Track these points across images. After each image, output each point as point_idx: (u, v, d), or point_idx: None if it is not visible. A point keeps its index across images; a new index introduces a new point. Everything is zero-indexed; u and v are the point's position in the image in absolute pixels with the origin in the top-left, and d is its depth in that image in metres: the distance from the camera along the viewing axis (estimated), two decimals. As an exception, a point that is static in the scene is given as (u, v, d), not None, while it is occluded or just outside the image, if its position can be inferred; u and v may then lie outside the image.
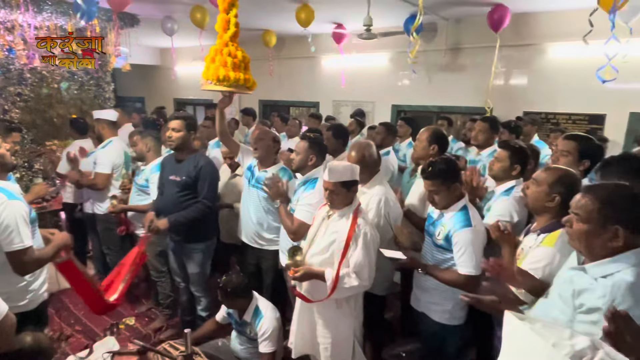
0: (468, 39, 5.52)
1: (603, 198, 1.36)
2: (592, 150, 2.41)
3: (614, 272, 1.33)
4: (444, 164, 2.12)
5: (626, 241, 1.34)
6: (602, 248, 1.37)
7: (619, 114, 4.64)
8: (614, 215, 1.34)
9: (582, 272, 1.42)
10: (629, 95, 4.51)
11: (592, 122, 4.82)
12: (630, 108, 4.57)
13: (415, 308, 2.33)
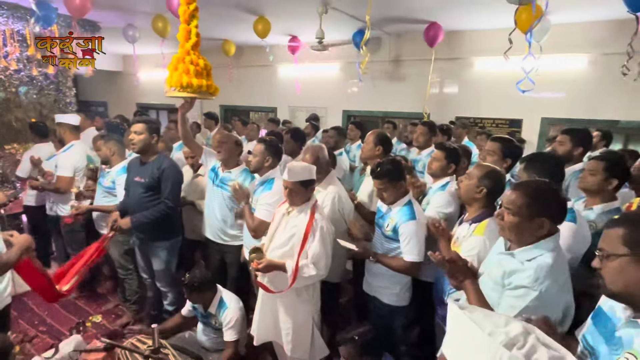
0: (408, 52, 5.68)
1: (530, 194, 1.43)
2: (513, 150, 2.56)
3: (537, 256, 1.42)
4: (391, 164, 2.16)
5: (548, 230, 1.44)
6: (529, 236, 1.45)
7: (533, 119, 4.98)
8: (540, 208, 1.42)
9: (510, 257, 1.49)
10: (540, 103, 4.83)
11: (512, 126, 5.12)
12: (542, 114, 4.91)
13: (367, 292, 2.36)
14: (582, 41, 4.48)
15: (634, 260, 0.99)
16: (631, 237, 1.01)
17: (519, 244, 1.48)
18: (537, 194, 1.43)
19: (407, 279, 2.21)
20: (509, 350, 0.58)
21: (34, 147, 3.87)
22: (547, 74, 4.61)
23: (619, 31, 3.69)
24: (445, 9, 4.24)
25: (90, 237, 3.45)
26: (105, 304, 3.54)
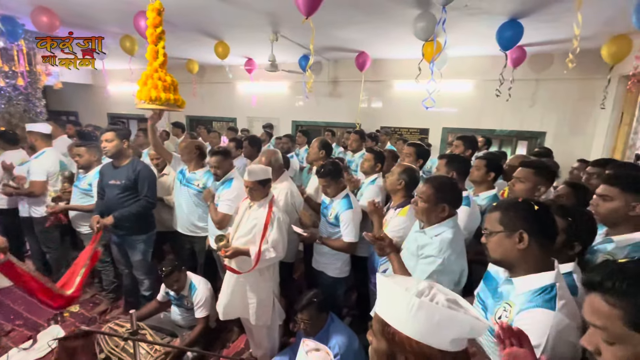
0: (343, 74, 5.79)
1: (436, 186, 1.56)
2: (424, 153, 2.74)
3: (441, 232, 1.54)
4: (332, 165, 2.20)
5: (449, 213, 1.57)
6: (435, 218, 1.57)
7: (437, 128, 5.33)
8: (442, 197, 1.55)
9: (422, 234, 1.61)
10: (441, 116, 5.20)
11: (422, 133, 5.44)
12: (443, 124, 5.28)
13: (315, 268, 2.39)
14: (470, 70, 4.88)
15: (507, 235, 1.07)
16: (504, 218, 1.09)
17: (429, 223, 1.59)
18: (440, 186, 1.55)
19: (347, 256, 2.27)
20: (419, 298, 0.64)
21: (4, 153, 3.37)
22: (446, 94, 4.98)
23: (494, 64, 4.08)
24: (371, 41, 4.39)
25: (65, 235, 3.10)
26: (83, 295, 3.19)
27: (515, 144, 5.26)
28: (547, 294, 0.99)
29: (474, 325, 0.64)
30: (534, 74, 4.50)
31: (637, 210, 1.41)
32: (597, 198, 1.54)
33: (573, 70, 2.88)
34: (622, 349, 0.60)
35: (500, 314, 1.08)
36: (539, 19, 3.10)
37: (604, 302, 0.63)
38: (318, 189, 2.67)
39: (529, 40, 3.73)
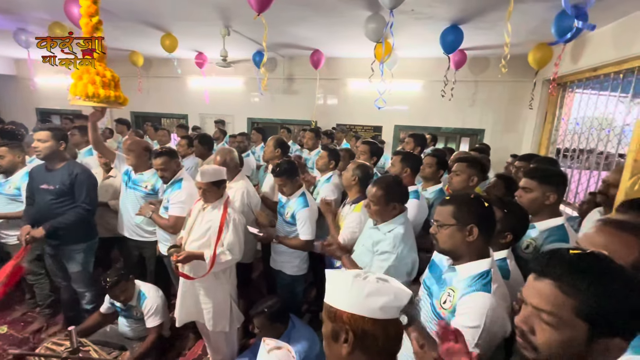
0: (298, 72, 5.79)
1: (384, 187, 1.64)
2: (377, 150, 2.85)
3: (393, 228, 1.62)
4: (287, 164, 2.20)
5: (399, 209, 1.66)
6: (387, 216, 1.66)
7: (389, 126, 5.58)
8: (391, 197, 1.63)
9: (376, 230, 1.68)
10: (393, 114, 5.44)
11: (376, 131, 5.66)
12: (395, 122, 5.54)
13: (273, 267, 2.38)
14: (418, 71, 5.17)
15: (458, 229, 1.14)
16: (457, 212, 1.15)
17: (382, 221, 1.68)
18: (388, 187, 1.64)
19: (304, 254, 2.30)
20: (354, 277, 0.78)
21: None
22: (397, 93, 5.22)
23: (439, 65, 4.37)
24: (325, 40, 4.44)
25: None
26: (11, 314, 2.83)
27: (459, 141, 5.69)
28: (484, 279, 1.10)
29: (397, 293, 0.76)
30: (474, 76, 4.90)
31: (552, 199, 1.63)
32: (520, 190, 1.74)
33: (506, 74, 3.19)
34: (561, 333, 0.64)
35: (445, 299, 1.18)
36: (476, 25, 3.38)
37: (559, 290, 0.64)
38: (274, 187, 2.66)
39: (468, 45, 4.04)
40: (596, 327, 0.62)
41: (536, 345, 0.68)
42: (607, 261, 0.67)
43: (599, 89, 3.60)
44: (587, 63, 3.45)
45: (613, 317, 0.61)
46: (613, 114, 3.36)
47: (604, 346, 0.62)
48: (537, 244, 1.63)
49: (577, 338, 0.63)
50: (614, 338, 0.62)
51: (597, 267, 0.65)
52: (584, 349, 0.63)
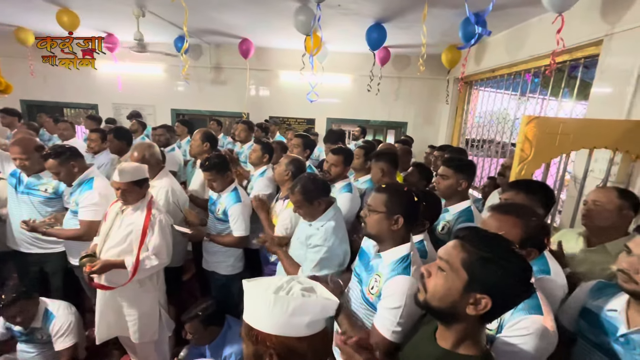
0: (227, 61, 5.49)
1: (301, 191, 1.67)
2: (310, 143, 2.88)
3: (325, 223, 1.67)
4: (217, 158, 2.10)
5: (326, 203, 1.71)
6: (317, 213, 1.70)
7: (322, 118, 5.68)
8: (312, 196, 1.67)
9: (309, 226, 1.72)
10: (325, 107, 5.54)
11: (309, 124, 5.71)
12: (327, 115, 5.65)
13: (206, 269, 2.27)
14: (347, 65, 5.33)
15: (386, 217, 1.21)
16: (389, 202, 1.21)
17: (314, 219, 1.71)
18: (304, 189, 1.66)
19: (239, 251, 2.23)
20: (276, 294, 0.70)
21: None
22: (329, 86, 5.32)
23: (367, 61, 4.56)
24: (254, 28, 4.29)
25: None
26: None
27: (386, 133, 6.08)
28: (404, 262, 1.20)
29: (324, 305, 0.72)
30: (397, 72, 5.26)
31: (464, 185, 1.87)
32: (438, 177, 1.95)
33: (424, 72, 3.49)
34: (447, 277, 0.79)
35: (372, 285, 1.27)
36: (397, 25, 3.61)
37: (459, 245, 0.80)
38: (204, 184, 2.51)
39: (392, 43, 4.31)
40: (472, 279, 0.77)
41: (427, 286, 0.83)
42: (504, 241, 0.81)
43: (496, 88, 4.19)
44: (487, 65, 3.97)
45: (487, 275, 0.76)
46: (507, 109, 3.95)
47: (474, 299, 0.77)
48: (450, 226, 1.84)
49: (458, 285, 0.78)
50: (484, 295, 0.76)
51: (491, 240, 0.80)
52: (458, 297, 0.78)
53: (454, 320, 0.81)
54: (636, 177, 1.99)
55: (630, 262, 0.97)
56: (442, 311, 0.81)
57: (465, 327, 0.81)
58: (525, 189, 1.48)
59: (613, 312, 1.07)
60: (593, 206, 1.54)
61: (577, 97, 2.78)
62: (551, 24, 2.38)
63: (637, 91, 2.06)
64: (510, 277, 0.75)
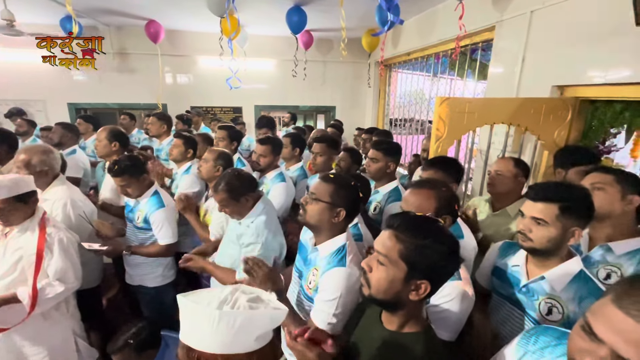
0: (133, 46, 4.81)
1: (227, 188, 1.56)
2: (236, 134, 2.71)
3: (255, 218, 1.59)
4: (129, 160, 1.83)
5: (253, 198, 1.62)
6: (244, 210, 1.61)
7: (249, 106, 5.42)
8: (240, 190, 1.58)
9: (239, 224, 1.62)
10: (252, 94, 5.30)
11: (236, 112, 5.40)
12: (254, 102, 5.41)
13: (131, 284, 2.03)
14: (271, 49, 5.13)
15: (329, 208, 1.18)
16: (334, 194, 1.19)
17: (243, 216, 1.62)
18: (230, 185, 1.57)
19: (168, 259, 2.03)
20: (220, 310, 0.62)
21: None
22: (254, 72, 5.09)
23: (290, 45, 4.44)
24: (160, 8, 3.81)
25: None
26: None
27: (316, 118, 6.11)
28: (340, 254, 1.20)
29: (273, 315, 0.68)
30: (322, 56, 5.25)
31: (392, 167, 1.97)
32: (368, 160, 2.01)
33: (347, 55, 3.53)
34: (388, 270, 0.81)
35: (310, 279, 1.25)
36: (317, 8, 3.56)
37: (394, 237, 0.81)
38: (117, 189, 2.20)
39: (313, 26, 4.25)
40: (411, 268, 0.80)
41: (370, 281, 0.84)
42: (433, 223, 0.85)
43: (412, 69, 4.47)
44: (402, 49, 4.19)
45: (424, 262, 0.79)
46: (423, 89, 4.26)
47: (415, 286, 0.81)
48: (381, 206, 1.93)
49: (399, 276, 0.81)
50: (423, 280, 0.80)
51: (422, 224, 0.83)
52: (401, 287, 0.81)
53: (399, 307, 0.85)
54: (525, 147, 2.32)
55: (525, 223, 1.12)
56: (387, 302, 0.84)
57: (409, 310, 0.85)
58: (440, 166, 1.67)
59: (516, 267, 1.23)
60: (495, 175, 1.75)
61: (478, 77, 3.12)
62: (454, 11, 2.58)
63: (522, 71, 2.37)
64: (445, 257, 0.80)
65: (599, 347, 0.51)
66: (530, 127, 2.03)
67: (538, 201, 1.09)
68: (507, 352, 0.85)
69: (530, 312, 1.13)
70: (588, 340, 0.53)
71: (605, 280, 1.24)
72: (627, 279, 0.53)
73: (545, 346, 0.76)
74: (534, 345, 0.79)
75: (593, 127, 2.06)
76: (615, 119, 1.92)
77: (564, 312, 1.05)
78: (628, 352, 0.47)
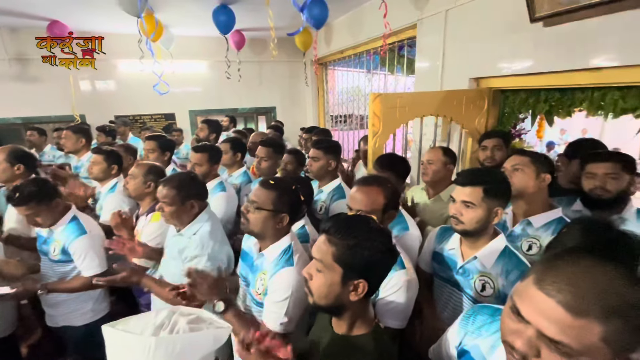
0: (35, 50, 4.16)
1: (177, 186, 1.45)
2: (168, 144, 2.50)
3: (198, 228, 1.48)
4: (34, 185, 1.57)
5: (199, 207, 1.52)
6: (187, 217, 1.49)
7: (183, 112, 5.07)
8: (187, 194, 1.47)
9: (180, 236, 1.50)
10: (185, 98, 4.97)
11: (168, 119, 5.01)
12: (188, 107, 5.07)
13: (54, 326, 1.75)
14: (201, 51, 4.84)
15: (272, 215, 1.18)
16: (277, 201, 1.18)
17: (183, 225, 1.51)
18: (181, 184, 1.47)
19: (98, 291, 1.79)
20: (156, 336, 0.57)
21: None
22: (185, 75, 4.78)
23: (221, 46, 4.23)
24: (62, 7, 3.34)
25: None
26: None
27: (257, 120, 5.96)
28: (287, 254, 1.19)
29: (216, 335, 0.64)
30: (256, 56, 5.11)
31: (333, 165, 1.98)
32: (310, 160, 2.00)
33: (282, 54, 3.48)
34: (325, 275, 0.81)
35: (258, 285, 1.21)
36: (244, 7, 3.43)
37: (328, 241, 0.81)
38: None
39: (244, 26, 4.11)
40: (346, 270, 0.80)
41: (311, 290, 0.83)
42: (363, 221, 0.85)
43: (348, 66, 4.58)
44: (336, 47, 4.27)
45: (358, 262, 0.80)
46: (359, 85, 4.39)
47: (353, 286, 0.80)
48: (327, 205, 1.93)
49: (336, 280, 0.81)
50: (360, 280, 0.80)
51: (352, 224, 0.83)
52: (340, 290, 0.81)
53: (344, 310, 0.85)
54: (453, 136, 2.52)
55: (456, 207, 1.20)
56: (331, 307, 0.84)
57: (354, 311, 0.85)
58: (389, 166, 1.73)
59: (452, 250, 1.31)
60: (427, 164, 1.87)
61: (407, 72, 3.29)
62: (378, 10, 2.68)
63: (444, 66, 2.55)
64: (378, 253, 0.80)
65: (526, 328, 0.53)
66: (454, 117, 2.20)
67: (466, 186, 1.18)
68: (450, 335, 0.89)
69: (468, 290, 1.22)
70: (517, 322, 0.55)
71: (527, 251, 1.38)
72: (545, 260, 0.57)
73: (482, 325, 0.82)
74: (473, 325, 0.84)
75: (506, 114, 2.30)
76: (522, 105, 2.17)
77: (494, 287, 1.15)
78: (550, 330, 0.50)
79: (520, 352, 0.53)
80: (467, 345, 0.82)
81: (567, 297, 0.49)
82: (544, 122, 2.31)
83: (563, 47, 1.74)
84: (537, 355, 0.52)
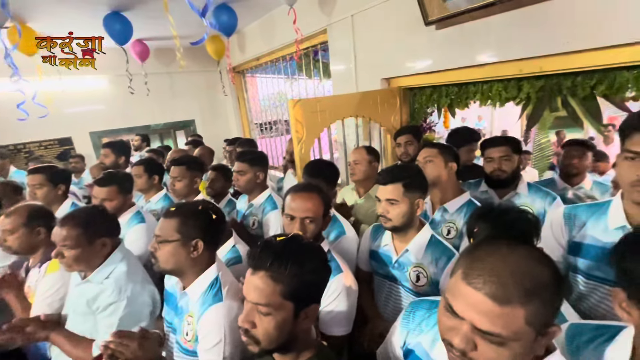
0: None
1: (82, 224, 1.23)
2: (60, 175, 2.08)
3: (112, 270, 1.27)
4: None
5: (112, 245, 1.31)
6: (95, 257, 1.27)
7: (82, 135, 4.38)
8: (95, 231, 1.25)
9: (88, 284, 1.27)
10: (85, 119, 4.31)
11: (63, 145, 4.25)
12: (89, 129, 4.40)
13: None
14: (98, 64, 4.24)
15: (182, 244, 1.03)
16: (182, 227, 1.04)
17: (92, 269, 1.27)
18: (87, 222, 1.25)
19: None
20: None
21: None
22: (80, 94, 4.17)
23: (121, 58, 3.77)
24: None
25: None
26: None
27: (175, 135, 5.49)
28: (214, 288, 1.05)
29: None
30: (164, 67, 4.69)
31: (261, 177, 1.89)
32: (235, 174, 1.88)
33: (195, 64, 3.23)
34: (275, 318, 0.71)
35: (186, 330, 1.06)
36: (143, 14, 3.11)
37: (270, 279, 0.71)
38: None
39: (145, 35, 3.74)
40: (298, 303, 0.73)
41: (258, 338, 0.73)
42: (297, 241, 0.79)
43: (267, 73, 4.50)
44: (250, 54, 4.16)
45: (308, 289, 0.74)
46: (282, 91, 4.35)
47: (305, 315, 0.75)
48: (259, 219, 1.84)
49: (288, 317, 0.73)
50: (310, 305, 0.75)
51: (295, 251, 0.75)
52: (292, 325, 0.74)
53: (293, 342, 0.76)
54: (373, 135, 2.64)
55: (383, 206, 1.23)
56: (282, 345, 0.75)
57: (301, 339, 0.78)
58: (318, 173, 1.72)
59: (386, 246, 1.34)
60: (354, 165, 1.91)
61: (324, 76, 3.36)
62: (287, 16, 2.67)
63: (357, 68, 2.66)
64: (318, 273, 0.77)
65: (461, 324, 0.54)
66: (372, 116, 2.30)
67: (387, 184, 1.22)
68: (394, 337, 0.89)
69: (405, 283, 1.26)
70: (452, 318, 0.56)
71: (447, 235, 1.50)
72: (467, 253, 0.59)
73: (421, 320, 0.83)
74: (413, 322, 0.85)
75: (416, 110, 2.50)
76: (428, 101, 2.37)
77: (427, 276, 1.20)
78: (482, 323, 0.51)
79: (458, 348, 0.54)
80: (410, 344, 0.82)
81: (491, 288, 0.51)
82: (448, 114, 2.56)
83: (454, 47, 1.94)
84: (474, 349, 0.53)
